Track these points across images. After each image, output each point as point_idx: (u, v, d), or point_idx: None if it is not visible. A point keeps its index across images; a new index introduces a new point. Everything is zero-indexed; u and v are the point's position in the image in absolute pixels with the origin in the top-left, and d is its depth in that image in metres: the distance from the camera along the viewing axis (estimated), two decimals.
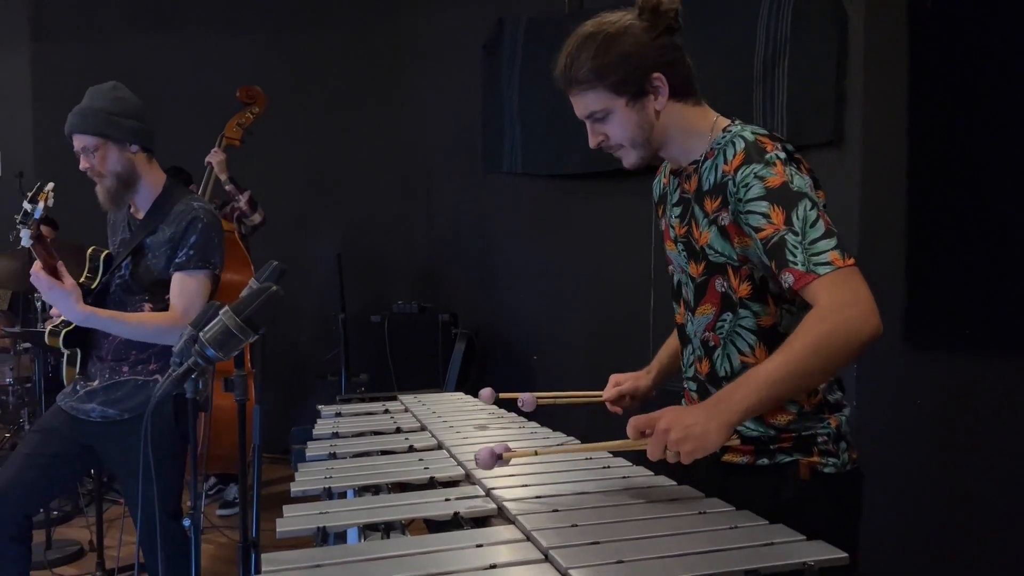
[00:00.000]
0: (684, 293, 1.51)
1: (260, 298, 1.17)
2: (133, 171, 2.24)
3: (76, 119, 2.20)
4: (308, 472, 1.45)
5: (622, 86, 1.37)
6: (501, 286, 4.46)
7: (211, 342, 1.17)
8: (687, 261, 1.47)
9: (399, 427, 1.85)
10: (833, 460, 1.39)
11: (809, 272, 1.25)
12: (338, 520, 1.20)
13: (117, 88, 2.25)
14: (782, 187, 1.29)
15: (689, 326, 1.51)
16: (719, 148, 1.39)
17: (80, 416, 2.26)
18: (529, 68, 4.08)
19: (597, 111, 1.40)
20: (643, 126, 1.40)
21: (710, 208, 1.40)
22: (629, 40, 1.37)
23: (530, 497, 1.29)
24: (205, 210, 2.25)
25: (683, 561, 1.02)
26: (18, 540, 2.24)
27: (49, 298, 2.08)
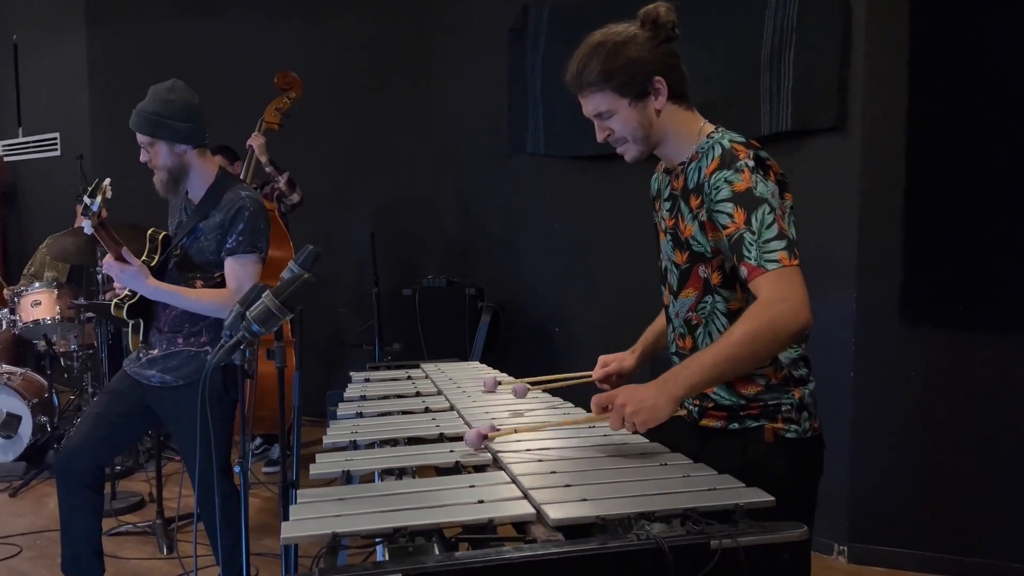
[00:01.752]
0: (669, 278, 1.73)
1: (295, 284, 1.42)
2: (182, 166, 2.49)
3: (134, 118, 2.46)
4: (337, 428, 1.72)
5: (626, 88, 1.58)
6: (524, 262, 4.68)
7: (255, 319, 1.43)
8: (673, 250, 1.69)
9: (418, 391, 2.10)
10: (795, 427, 1.60)
11: (759, 267, 1.47)
12: (360, 465, 1.45)
13: (173, 89, 2.47)
14: (746, 192, 1.50)
15: (672, 307, 1.73)
16: (703, 152, 1.61)
17: (142, 381, 2.56)
18: (552, 54, 4.25)
19: (604, 111, 1.61)
20: (644, 124, 1.61)
21: (693, 205, 1.61)
22: (634, 47, 1.58)
23: (521, 450, 1.53)
24: (251, 199, 2.50)
25: (637, 500, 1.25)
26: (92, 488, 2.56)
27: (122, 280, 2.38)
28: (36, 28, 6.39)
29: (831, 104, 3.13)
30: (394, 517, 1.18)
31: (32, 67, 6.50)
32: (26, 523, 3.69)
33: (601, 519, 1.19)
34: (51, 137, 6.37)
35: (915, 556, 3.11)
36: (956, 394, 3.07)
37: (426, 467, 1.49)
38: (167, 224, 2.76)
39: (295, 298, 1.41)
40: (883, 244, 3.10)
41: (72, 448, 2.53)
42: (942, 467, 3.10)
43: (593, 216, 4.32)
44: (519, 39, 4.44)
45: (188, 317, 2.52)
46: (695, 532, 1.16)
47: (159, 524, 3.45)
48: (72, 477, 2.52)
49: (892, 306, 3.10)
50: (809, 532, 1.21)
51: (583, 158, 4.27)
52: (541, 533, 1.18)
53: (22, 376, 4.50)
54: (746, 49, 3.33)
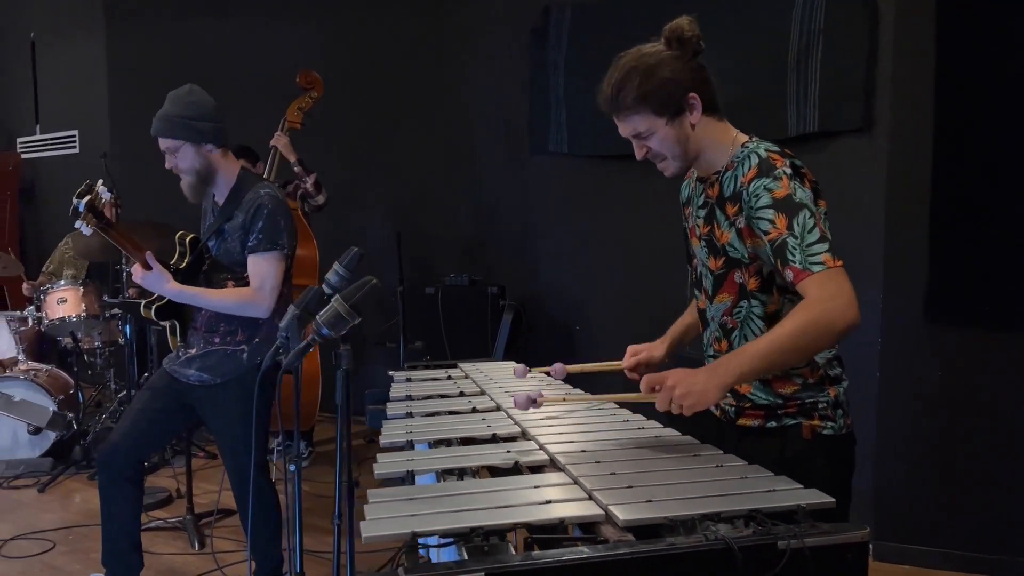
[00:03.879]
0: (704, 283, 1.77)
1: (364, 289, 1.45)
2: (210, 167, 2.52)
3: (157, 124, 2.49)
4: (392, 428, 1.75)
5: (663, 107, 1.61)
6: (545, 261, 4.71)
7: (325, 323, 1.46)
8: (708, 256, 1.73)
9: (462, 391, 2.13)
10: (831, 424, 1.66)
11: (805, 269, 1.51)
12: (422, 466, 1.49)
13: (192, 92, 2.51)
14: (786, 198, 1.54)
15: (708, 311, 1.77)
16: (738, 161, 1.65)
17: (181, 379, 2.60)
18: (575, 54, 4.28)
19: (642, 131, 1.64)
20: (681, 140, 1.64)
21: (730, 212, 1.65)
22: (666, 68, 1.61)
23: (576, 451, 1.56)
24: (271, 196, 2.52)
25: (700, 501, 1.29)
26: (132, 481, 2.61)
27: (146, 284, 2.43)
28: (54, 26, 6.43)
29: (858, 105, 3.16)
30: (468, 517, 1.22)
31: (50, 65, 6.54)
32: (56, 518, 3.73)
33: (669, 520, 1.23)
34: (70, 134, 6.41)
35: (939, 554, 3.14)
36: (981, 394, 3.10)
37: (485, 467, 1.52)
38: (199, 224, 2.80)
39: (363, 302, 1.44)
40: (909, 245, 3.13)
41: (113, 443, 2.57)
42: (967, 466, 3.13)
43: (615, 215, 4.35)
44: (541, 39, 4.47)
45: (223, 317, 2.56)
46: (762, 533, 1.20)
47: (190, 520, 3.50)
48: (113, 471, 2.56)
49: (918, 306, 3.13)
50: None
51: (606, 157, 4.30)
52: (612, 533, 1.21)
53: (48, 372, 4.54)
54: (772, 50, 3.35)
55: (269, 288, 2.48)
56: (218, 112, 2.52)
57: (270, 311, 2.52)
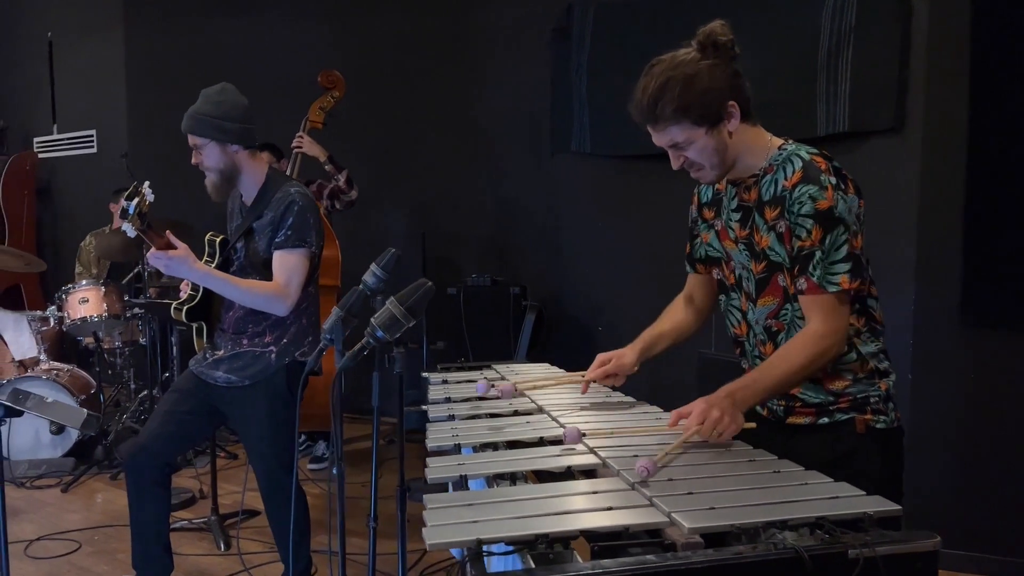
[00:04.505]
0: (745, 286, 1.76)
1: (419, 291, 1.43)
2: (234, 167, 2.51)
3: (186, 120, 2.49)
4: (437, 431, 1.73)
5: (703, 118, 1.60)
6: (567, 261, 4.69)
7: (381, 326, 1.44)
8: (748, 259, 1.72)
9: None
10: (883, 418, 1.68)
11: (820, 286, 1.56)
12: (476, 470, 1.46)
13: (223, 92, 2.50)
14: (827, 211, 1.55)
15: (750, 314, 1.76)
16: (777, 164, 1.64)
17: (209, 381, 2.58)
18: (598, 53, 4.25)
19: (681, 141, 1.63)
20: (720, 148, 1.63)
21: (769, 216, 1.65)
22: (705, 77, 1.59)
23: (628, 455, 1.54)
24: (301, 194, 2.51)
25: (764, 508, 1.26)
26: (160, 484, 2.60)
27: (168, 269, 2.36)
28: (71, 26, 6.43)
29: (890, 105, 3.13)
30: (531, 524, 1.20)
31: (67, 65, 6.54)
32: (80, 519, 3.73)
33: (736, 528, 1.20)
34: (87, 134, 6.41)
35: (972, 558, 3.11)
36: (1014, 396, 3.07)
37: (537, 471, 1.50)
38: (221, 224, 2.78)
39: (419, 305, 1.42)
40: (942, 245, 3.10)
41: (141, 445, 2.56)
42: (999, 469, 3.10)
43: (638, 215, 4.33)
44: (563, 38, 4.45)
45: (251, 318, 2.54)
46: (831, 542, 1.17)
47: (215, 520, 3.49)
48: (142, 474, 2.56)
49: (951, 307, 3.10)
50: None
51: (628, 157, 4.28)
52: (678, 541, 1.19)
53: (69, 372, 4.54)
54: (802, 49, 3.32)
55: (295, 285, 2.46)
56: (247, 113, 2.51)
57: (291, 309, 2.50)
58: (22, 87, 6.94)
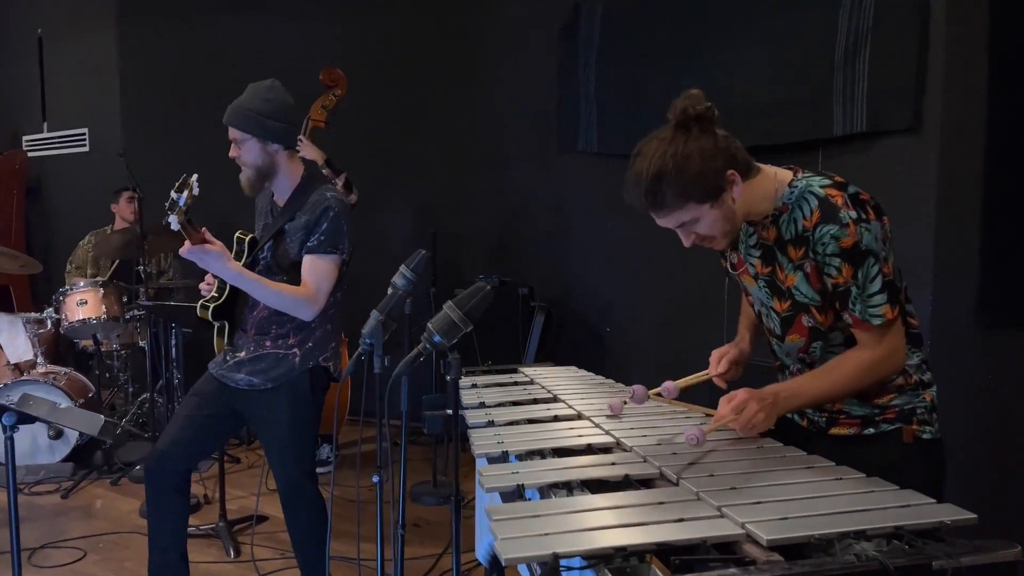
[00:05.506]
0: (767, 323, 1.77)
1: (478, 296, 1.39)
2: (272, 166, 2.46)
3: (229, 113, 2.43)
4: (481, 438, 1.68)
5: (706, 196, 1.58)
6: (574, 261, 4.66)
7: (438, 331, 1.40)
8: (770, 297, 1.72)
9: (535, 398, 2.07)
10: (929, 428, 1.69)
11: (864, 320, 1.58)
12: (530, 479, 1.42)
13: (271, 89, 2.45)
14: (853, 247, 1.55)
15: (778, 349, 1.78)
16: (792, 203, 1.63)
17: (229, 383, 2.52)
18: (606, 52, 4.22)
19: (687, 221, 1.62)
20: (728, 216, 1.63)
21: (794, 256, 1.64)
22: (696, 157, 1.55)
23: (682, 463, 1.51)
24: (337, 199, 2.47)
25: (837, 518, 1.23)
26: (180, 492, 2.53)
27: (203, 264, 2.29)
28: (62, 22, 6.32)
29: (907, 105, 3.11)
30: (605, 536, 1.16)
31: (58, 61, 6.43)
32: (83, 526, 3.65)
33: (815, 538, 1.17)
34: (79, 133, 6.30)
35: None
36: None
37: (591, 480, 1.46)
38: (226, 223, 2.72)
39: (477, 310, 1.38)
40: (960, 247, 3.09)
41: (161, 452, 2.49)
42: (1020, 471, 3.10)
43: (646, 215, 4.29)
44: (571, 37, 4.41)
45: (275, 319, 2.49)
46: (915, 552, 1.15)
47: (223, 527, 3.42)
48: (161, 481, 2.49)
49: (969, 309, 3.09)
50: None
51: None
52: (757, 554, 1.16)
53: (67, 376, 4.45)
54: (818, 49, 3.30)
55: (324, 291, 2.42)
56: (293, 113, 2.47)
57: (317, 314, 2.46)
58: (10, 85, 6.81)
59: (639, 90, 4.06)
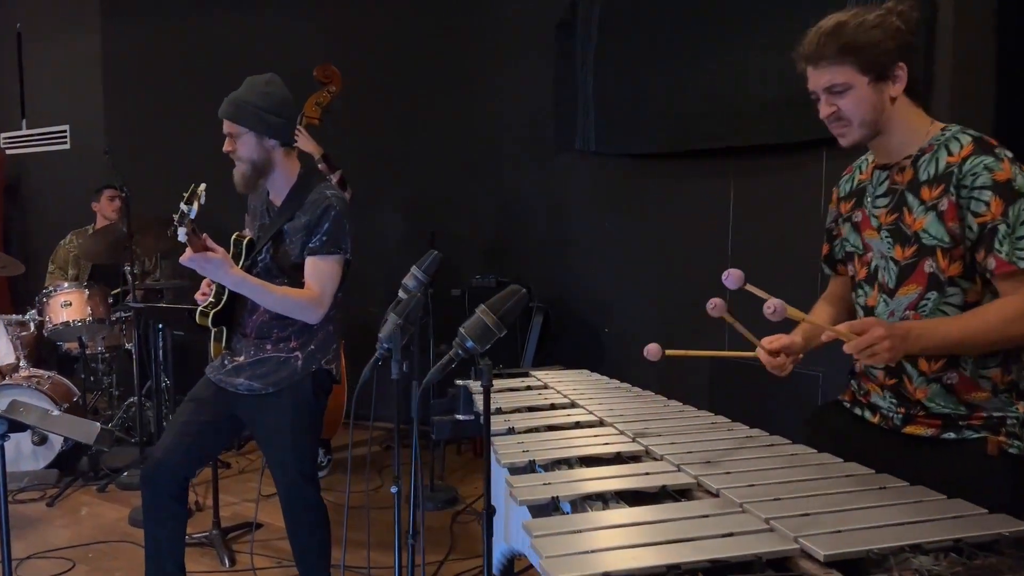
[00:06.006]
0: (881, 276, 1.66)
1: (512, 299, 1.32)
2: (268, 162, 2.37)
3: (226, 106, 2.35)
4: (505, 447, 1.62)
5: (869, 66, 1.54)
6: (571, 261, 4.60)
7: (472, 336, 1.33)
8: (892, 246, 1.63)
9: (552, 404, 2.01)
10: (1018, 443, 1.55)
11: (1011, 263, 1.46)
12: (567, 491, 1.36)
13: (270, 83, 2.38)
14: (1007, 183, 1.47)
15: (882, 307, 1.65)
16: (939, 144, 1.57)
17: (228, 388, 2.44)
18: (604, 49, 4.16)
19: (838, 84, 1.56)
20: (876, 107, 1.57)
21: (927, 196, 1.56)
22: (883, 30, 1.54)
23: (719, 472, 1.45)
24: (338, 198, 2.39)
25: (891, 531, 1.18)
26: (177, 500, 2.45)
27: (204, 272, 2.20)
28: (43, 17, 6.15)
29: None
30: (654, 553, 1.10)
31: (38, 57, 6.26)
32: (70, 534, 3.54)
33: (873, 553, 1.12)
34: (60, 130, 6.15)
35: None
36: None
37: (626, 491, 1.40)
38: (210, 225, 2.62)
39: (512, 313, 1.31)
40: None
41: (157, 460, 2.40)
42: None
43: (644, 214, 4.25)
44: (568, 33, 4.35)
45: (276, 322, 2.40)
46: (979, 567, 1.10)
47: (217, 535, 3.33)
48: (158, 490, 2.40)
49: None
50: None
51: (635, 156, 4.20)
52: (816, 570, 1.10)
53: (51, 380, 4.32)
54: None
55: (329, 293, 2.34)
56: (291, 109, 2.39)
57: (322, 317, 2.38)
58: None
59: (639, 89, 4.00)
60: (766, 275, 1.92)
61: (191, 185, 2.18)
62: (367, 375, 1.72)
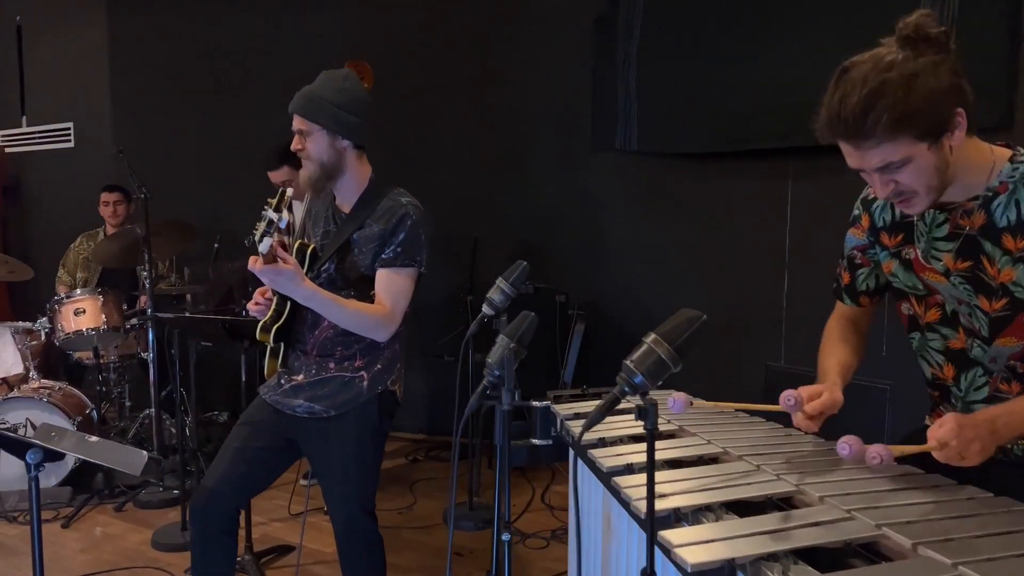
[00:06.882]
0: (967, 322, 1.51)
1: (692, 328, 1.12)
2: (339, 163, 2.19)
3: (299, 101, 2.15)
4: (632, 488, 1.42)
5: (927, 131, 1.29)
6: (611, 266, 4.42)
7: (645, 372, 1.13)
8: (974, 295, 1.46)
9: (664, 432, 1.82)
10: None
11: None
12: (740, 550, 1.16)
13: (347, 79, 2.19)
14: None
15: (977, 351, 1.51)
16: (1015, 182, 1.38)
17: (286, 410, 2.24)
18: (648, 43, 3.99)
19: (896, 161, 1.32)
20: (940, 168, 1.35)
21: (1012, 246, 1.38)
22: (930, 77, 1.28)
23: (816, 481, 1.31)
24: (414, 206, 2.20)
25: None
26: (229, 533, 2.24)
27: (275, 284, 2.01)
28: (44, 10, 5.90)
29: (998, 101, 2.93)
30: None
31: (39, 52, 6.01)
32: (91, 559, 3.32)
33: None
34: (64, 127, 5.90)
35: None
36: None
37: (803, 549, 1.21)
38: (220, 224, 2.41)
39: (690, 346, 1.12)
40: None
41: (210, 490, 2.19)
42: None
43: (689, 216, 4.08)
44: (607, 29, 4.16)
45: (341, 340, 2.20)
46: None
47: (250, 560, 3.12)
48: (210, 522, 2.19)
49: None
50: None
51: (680, 155, 4.03)
52: None
53: (61, 391, 4.09)
54: None
55: (402, 309, 2.15)
56: (367, 109, 2.20)
57: (392, 334, 2.19)
58: None
59: (685, 86, 3.83)
60: (828, 281, 1.77)
61: (279, 190, 1.97)
62: (474, 405, 1.52)
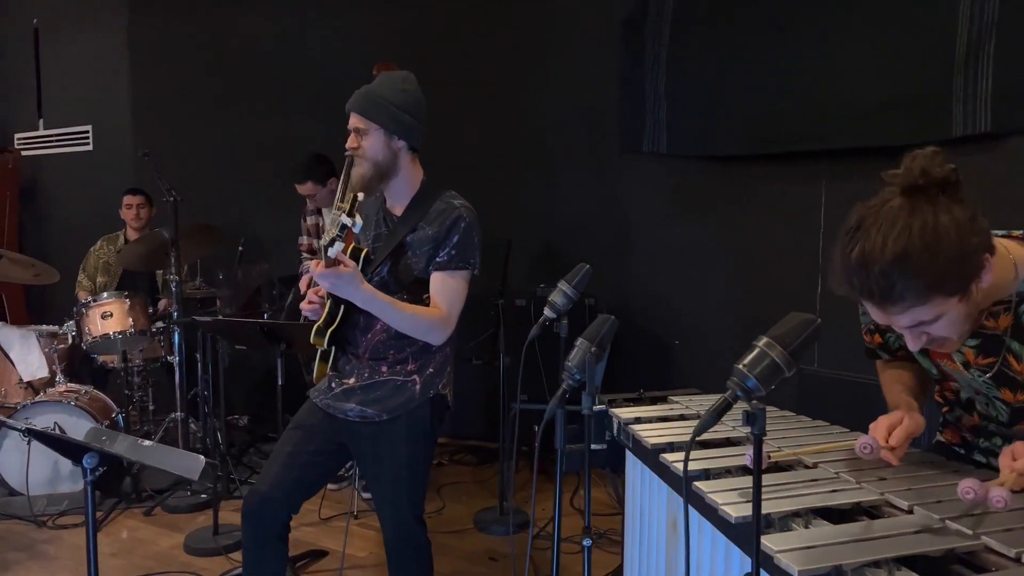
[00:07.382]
0: (982, 408, 1.51)
1: (807, 331, 1.11)
2: (393, 164, 2.18)
3: (357, 98, 2.15)
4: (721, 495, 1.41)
5: (957, 287, 1.24)
6: (637, 269, 4.40)
7: (758, 376, 1.12)
8: (994, 388, 1.46)
9: (727, 438, 1.80)
10: None
11: None
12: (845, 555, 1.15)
13: (406, 80, 2.19)
14: None
15: (993, 427, 1.53)
16: None
17: (337, 414, 2.22)
18: (679, 44, 3.97)
19: (927, 320, 1.28)
20: (971, 312, 1.32)
21: None
22: (952, 234, 1.20)
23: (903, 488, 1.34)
24: (467, 209, 2.19)
25: None
26: (282, 538, 2.24)
27: (335, 288, 1.99)
28: (62, 11, 5.89)
29: None
30: None
31: (56, 54, 6.00)
32: (124, 564, 3.30)
33: None
34: (82, 130, 5.89)
35: None
36: None
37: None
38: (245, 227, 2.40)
39: (805, 348, 1.10)
40: None
41: (263, 495, 2.18)
42: None
43: (719, 220, 4.06)
44: (636, 29, 4.15)
45: (394, 343, 2.19)
46: None
47: None
48: (263, 528, 2.18)
49: None
50: None
51: (710, 158, 4.01)
52: None
53: (88, 395, 4.07)
54: (936, 45, 3.09)
55: (457, 312, 2.14)
56: (424, 112, 2.19)
57: (446, 338, 2.18)
58: (2, 80, 6.35)
59: (715, 87, 3.82)
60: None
61: (350, 196, 1.95)
62: (554, 409, 1.50)
